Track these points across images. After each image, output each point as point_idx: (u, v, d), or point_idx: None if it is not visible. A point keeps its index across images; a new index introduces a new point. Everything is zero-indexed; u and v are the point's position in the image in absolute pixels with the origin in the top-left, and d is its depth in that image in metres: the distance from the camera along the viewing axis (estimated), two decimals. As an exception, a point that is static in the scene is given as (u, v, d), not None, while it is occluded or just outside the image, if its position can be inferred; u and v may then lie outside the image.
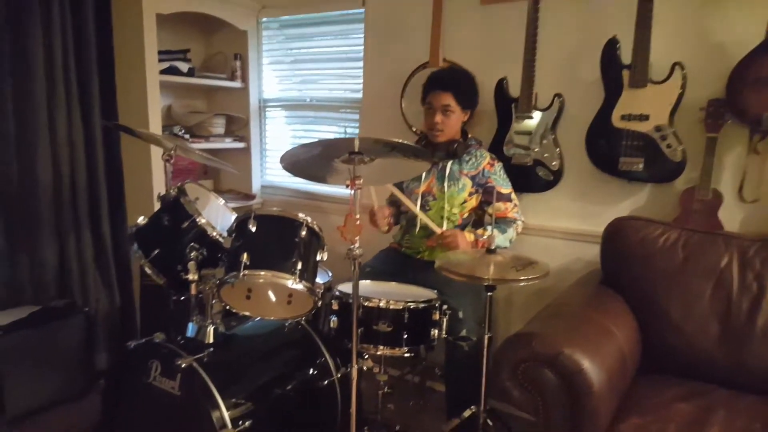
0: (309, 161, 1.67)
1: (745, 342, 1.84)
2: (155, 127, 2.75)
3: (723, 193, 2.10)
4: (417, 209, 2.24)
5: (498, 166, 2.31)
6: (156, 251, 1.88)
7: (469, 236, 2.19)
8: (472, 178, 2.29)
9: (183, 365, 1.63)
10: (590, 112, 2.26)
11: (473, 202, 2.31)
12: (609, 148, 2.22)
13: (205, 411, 1.58)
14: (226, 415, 1.60)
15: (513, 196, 2.32)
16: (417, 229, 2.32)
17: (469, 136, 2.37)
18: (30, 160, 2.50)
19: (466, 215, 2.32)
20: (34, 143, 2.50)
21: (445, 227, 2.27)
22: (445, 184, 2.27)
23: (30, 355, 2.37)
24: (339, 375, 1.94)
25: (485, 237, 2.09)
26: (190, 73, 3.01)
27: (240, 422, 1.62)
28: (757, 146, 2.04)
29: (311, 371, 1.94)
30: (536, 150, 2.38)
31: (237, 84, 3.24)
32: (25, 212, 2.53)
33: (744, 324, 1.86)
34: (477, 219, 2.37)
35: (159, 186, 2.74)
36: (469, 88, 2.30)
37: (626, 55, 2.14)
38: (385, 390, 2.02)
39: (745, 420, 1.60)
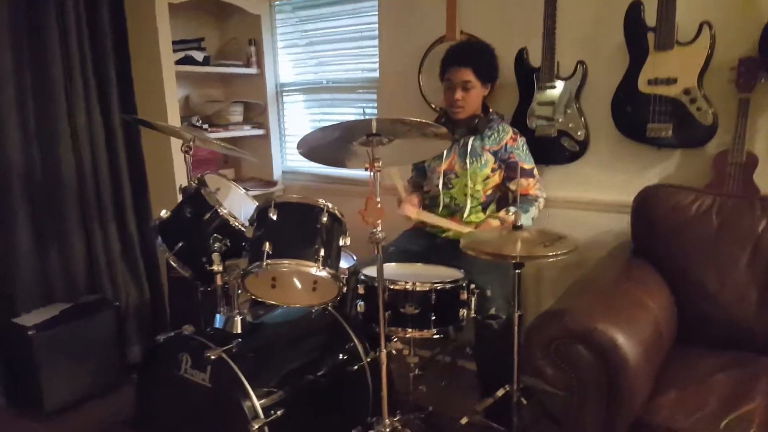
0: (327, 146, 1.64)
1: (785, 309, 1.79)
2: (173, 118, 2.75)
3: (758, 155, 2.02)
4: (439, 220, 2.22)
5: (521, 140, 2.26)
6: (180, 244, 1.89)
7: (494, 222, 2.16)
8: (495, 153, 2.24)
9: (212, 357, 1.64)
10: (615, 79, 2.18)
11: (496, 178, 2.27)
12: (636, 114, 2.15)
13: (236, 402, 1.59)
14: (257, 404, 1.60)
15: (535, 171, 2.27)
16: (440, 209, 2.29)
17: (491, 110, 2.32)
18: (52, 156, 2.54)
19: (489, 192, 2.28)
20: (55, 138, 2.53)
21: (468, 205, 2.24)
22: (467, 161, 2.23)
23: (64, 351, 2.42)
24: (368, 359, 1.94)
25: (509, 221, 2.06)
26: (206, 61, 2.99)
27: (272, 411, 1.62)
28: (794, 105, 1.96)
29: (340, 356, 1.94)
30: (560, 120, 2.32)
31: (253, 70, 3.21)
32: (50, 209, 2.57)
33: (783, 290, 1.80)
34: (501, 196, 2.33)
35: (181, 178, 2.75)
36: (488, 61, 2.23)
37: (651, 17, 2.06)
38: (416, 372, 2.01)
39: (790, 389, 1.56)
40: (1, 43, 2.33)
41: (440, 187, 2.26)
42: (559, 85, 2.30)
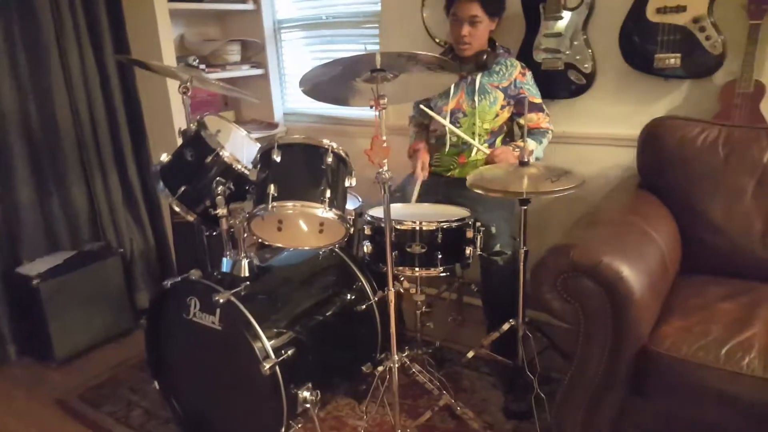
0: (330, 83, 1.60)
1: (789, 237, 1.80)
2: (169, 58, 2.67)
3: (766, 84, 1.98)
4: (463, 135, 2.17)
5: (529, 74, 2.23)
6: (183, 188, 1.86)
7: (508, 152, 2.13)
8: (504, 89, 2.20)
9: (221, 300, 1.64)
10: (623, 8, 2.12)
11: (505, 115, 2.24)
12: (644, 44, 2.10)
13: (246, 343, 1.60)
14: (267, 345, 1.62)
15: (543, 105, 2.24)
16: (447, 148, 2.26)
17: (497, 44, 2.25)
18: (48, 104, 2.48)
19: (497, 128, 2.25)
20: (49, 86, 2.47)
21: (477, 140, 2.21)
22: (476, 99, 2.18)
23: (71, 299, 2.44)
24: (376, 298, 1.95)
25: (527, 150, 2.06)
26: (200, -3, 2.88)
27: (282, 351, 1.64)
28: (805, 30, 1.91)
29: (349, 296, 1.96)
30: (567, 53, 2.26)
31: (249, 6, 3.10)
32: (49, 158, 2.54)
33: (788, 219, 1.81)
34: (508, 131, 2.31)
35: (179, 121, 2.69)
36: None
37: (662, -59, 1.97)
38: (423, 309, 2.04)
39: (791, 315, 1.59)
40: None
41: (447, 127, 2.23)
42: (566, 15, 2.23)
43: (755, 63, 1.94)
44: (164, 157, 1.91)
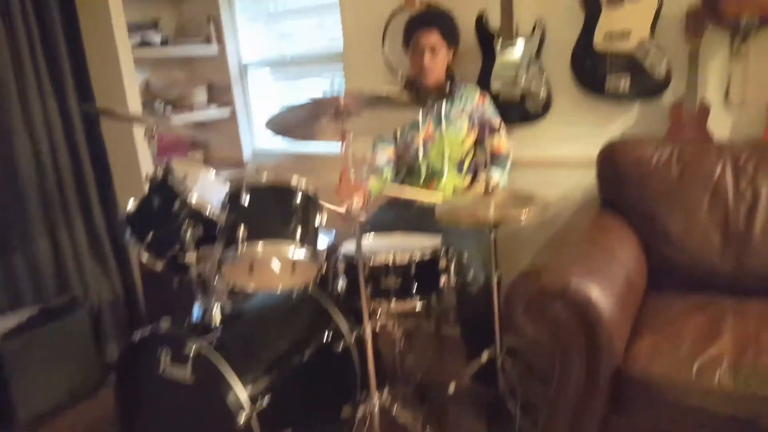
0: (296, 122, 1.62)
1: (745, 247, 1.87)
2: (134, 104, 2.66)
3: (710, 102, 2.09)
4: (412, 193, 2.21)
5: (488, 99, 2.31)
6: (150, 235, 1.83)
7: (480, 187, 2.16)
8: (468, 115, 2.26)
9: (192, 350, 1.60)
10: (572, 35, 2.20)
11: (471, 139, 2.30)
12: (594, 69, 2.18)
13: (219, 394, 1.56)
14: (241, 395, 1.57)
15: (503, 125, 2.31)
16: (423, 176, 2.29)
17: (455, 76, 2.32)
18: (8, 155, 2.41)
19: (465, 153, 2.30)
20: (9, 135, 2.40)
21: (446, 168, 2.26)
22: (443, 125, 2.24)
23: (36, 358, 2.32)
24: (353, 337, 1.93)
25: (493, 182, 2.12)
26: (164, 43, 2.88)
27: (258, 399, 1.60)
28: (740, 49, 2.01)
29: (325, 337, 1.93)
30: (523, 81, 2.33)
31: (213, 48, 3.12)
32: (11, 210, 2.46)
33: (743, 230, 1.89)
34: (474, 155, 2.35)
35: (146, 166, 2.66)
36: (451, 23, 2.26)
37: (601, -29, 2.07)
38: (402, 344, 2.03)
39: (755, 324, 1.64)
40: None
41: (420, 155, 2.27)
42: (519, 45, 2.31)
43: (698, 83, 2.04)
44: (131, 205, 1.88)
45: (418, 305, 1.85)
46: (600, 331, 1.54)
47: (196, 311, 1.83)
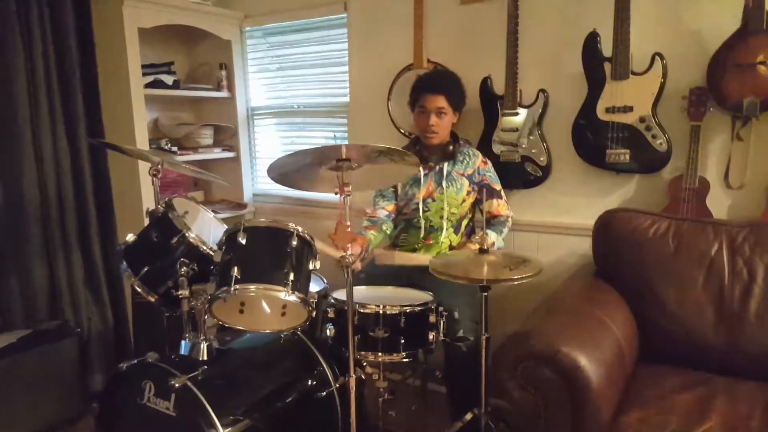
0: (297, 170, 1.66)
1: (739, 327, 1.86)
2: (142, 141, 2.73)
3: (710, 181, 2.11)
4: (417, 258, 2.27)
5: (489, 163, 2.35)
6: (146, 268, 1.85)
7: (474, 247, 2.18)
8: (469, 177, 2.30)
9: (176, 385, 1.59)
10: (575, 106, 2.26)
11: (470, 200, 2.33)
12: (595, 141, 2.22)
13: (200, 431, 1.55)
14: (223, 433, 1.56)
15: (503, 193, 2.34)
16: (422, 232, 2.32)
17: (458, 136, 2.38)
18: (15, 181, 2.48)
19: (464, 213, 2.33)
20: (19, 163, 2.47)
21: (445, 227, 2.28)
22: (444, 185, 2.28)
23: (21, 381, 2.32)
24: (337, 384, 1.92)
25: (488, 241, 2.13)
26: (176, 85, 2.98)
27: (237, 440, 1.58)
28: (740, 132, 2.05)
29: (309, 382, 1.92)
30: (524, 146, 2.39)
31: (224, 94, 3.22)
32: (11, 233, 2.50)
33: (737, 309, 1.87)
34: (472, 216, 2.39)
35: (148, 201, 2.70)
36: (459, 89, 2.30)
37: (607, 48, 2.15)
38: (386, 396, 2.00)
39: (746, 407, 1.61)
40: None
41: (420, 211, 2.30)
42: (522, 112, 2.37)
43: (699, 160, 2.07)
44: (130, 237, 1.91)
45: (405, 359, 1.84)
46: (587, 400, 1.52)
47: (184, 346, 1.84)
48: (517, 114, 2.38)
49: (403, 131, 2.69)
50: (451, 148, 2.29)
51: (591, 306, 1.87)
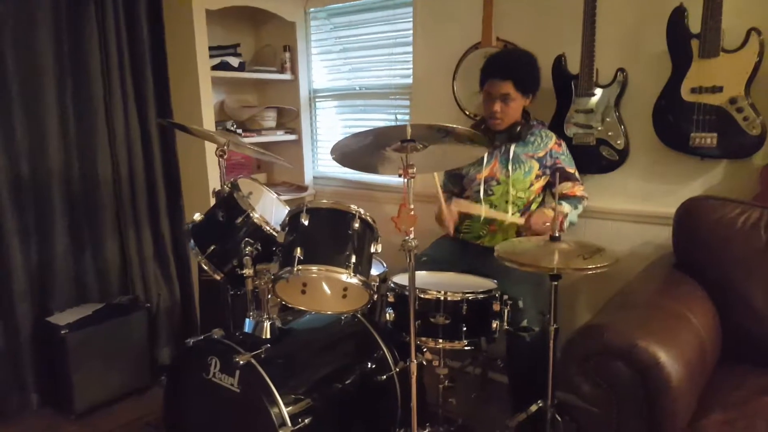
0: (360, 151, 1.63)
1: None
2: (208, 122, 2.78)
3: (808, 168, 1.94)
4: (484, 210, 2.19)
5: (564, 145, 2.24)
6: (212, 247, 1.89)
7: (548, 212, 2.11)
8: (539, 160, 2.20)
9: (241, 362, 1.63)
10: (657, 87, 2.12)
11: (540, 184, 2.24)
12: (678, 123, 2.08)
13: (264, 408, 1.57)
14: (285, 412, 1.59)
15: (578, 175, 2.24)
16: (481, 219, 2.24)
17: (531, 117, 2.27)
18: (90, 160, 2.59)
19: (532, 197, 2.24)
20: (93, 144, 2.58)
21: (510, 210, 2.20)
22: (510, 168, 2.19)
23: (96, 351, 2.46)
24: (398, 369, 1.90)
25: (563, 209, 2.09)
26: (241, 67, 3.02)
27: (299, 419, 1.60)
28: None
29: (369, 365, 1.91)
30: (599, 128, 2.26)
31: (287, 76, 3.23)
32: (87, 211, 2.62)
33: (833, 310, 1.72)
34: (542, 200, 2.30)
35: (214, 181, 2.77)
36: (529, 73, 2.17)
37: (695, 24, 2.00)
38: (446, 383, 1.97)
39: (841, 414, 1.47)
40: (43, 50, 2.39)
41: (481, 194, 2.23)
42: (598, 92, 2.25)
43: (796, 145, 1.91)
44: (197, 216, 1.95)
45: (466, 347, 1.80)
46: (665, 399, 1.43)
47: (248, 324, 1.87)
48: (593, 95, 2.25)
49: (468, 113, 2.61)
50: (519, 129, 2.19)
51: (670, 300, 1.76)
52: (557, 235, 1.75)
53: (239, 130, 3.05)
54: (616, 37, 2.24)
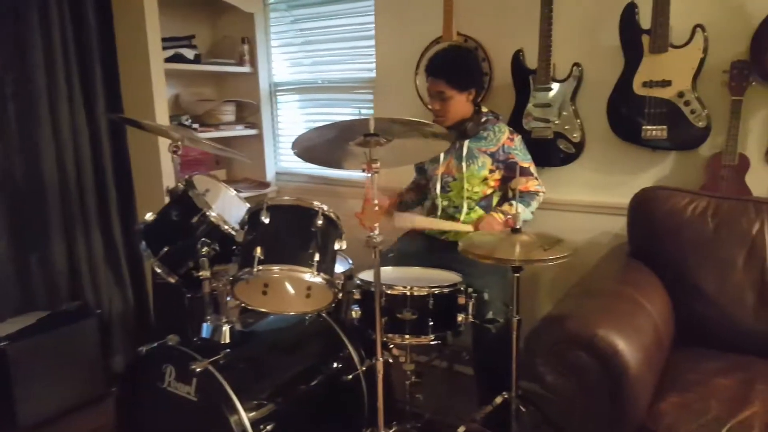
0: (323, 146, 1.60)
1: (782, 310, 1.78)
2: (162, 117, 2.68)
3: (750, 158, 2.03)
4: (441, 223, 2.20)
5: (518, 139, 2.24)
6: (166, 248, 1.82)
7: (499, 216, 2.14)
8: (492, 155, 2.21)
9: (198, 369, 1.57)
10: (610, 81, 2.17)
11: (496, 177, 2.24)
12: (631, 116, 2.14)
13: (223, 416, 1.52)
14: (245, 419, 1.54)
15: (533, 169, 2.25)
16: (439, 212, 2.25)
17: (484, 110, 2.28)
18: (33, 157, 2.45)
19: (488, 192, 2.25)
20: (36, 139, 2.44)
21: (465, 207, 2.21)
22: (464, 164, 2.20)
23: (41, 362, 2.31)
24: (364, 368, 1.89)
25: (512, 214, 2.05)
26: (197, 59, 2.93)
27: (261, 426, 1.56)
28: (784, 107, 1.97)
29: (335, 365, 1.88)
30: (556, 122, 2.30)
31: (246, 69, 3.15)
32: (30, 212, 2.48)
33: (780, 291, 1.79)
34: (502, 195, 2.32)
35: (168, 179, 2.67)
36: (463, 68, 2.16)
37: (645, 20, 2.06)
38: (413, 379, 1.97)
39: (789, 392, 1.55)
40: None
41: (438, 191, 2.23)
42: (555, 86, 2.29)
43: (739, 137, 1.99)
44: (149, 216, 1.87)
45: (433, 342, 1.80)
46: (626, 385, 1.46)
47: (206, 329, 1.80)
48: (550, 89, 2.29)
49: (430, 107, 2.61)
50: (467, 125, 2.19)
51: (627, 287, 1.81)
52: (518, 227, 1.77)
53: (195, 125, 2.95)
54: (572, 32, 2.28)
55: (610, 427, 1.49)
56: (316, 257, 1.62)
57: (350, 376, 1.87)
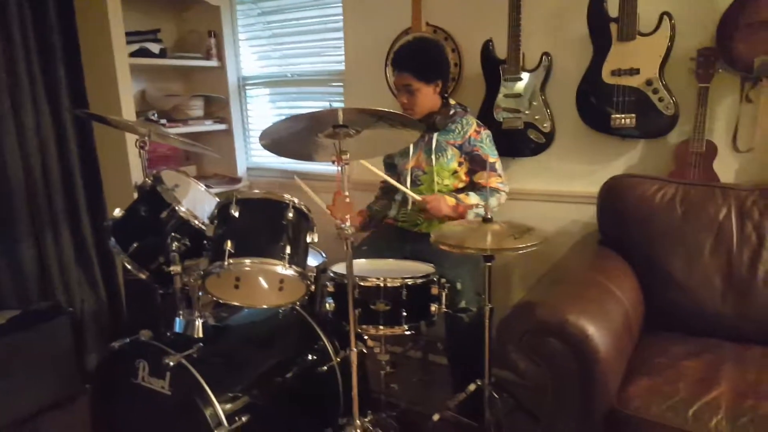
0: (292, 138, 1.59)
1: (748, 293, 1.83)
2: (128, 112, 2.64)
3: (717, 144, 2.06)
4: (394, 182, 2.16)
5: (485, 133, 2.21)
6: (135, 244, 1.80)
7: (450, 200, 2.11)
8: (459, 147, 2.20)
9: (171, 363, 1.56)
10: (580, 70, 2.19)
11: (464, 171, 2.23)
12: (600, 105, 2.16)
13: (197, 409, 1.52)
14: (220, 411, 1.54)
15: (498, 165, 2.21)
16: (410, 204, 2.25)
17: (452, 102, 2.27)
18: (-3, 157, 2.39)
19: (459, 185, 2.24)
20: (-1, 139, 2.38)
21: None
22: (433, 157, 2.20)
23: (11, 362, 2.27)
24: (338, 359, 1.89)
25: (465, 203, 2.09)
26: (162, 54, 2.88)
27: (236, 417, 1.56)
28: (750, 94, 2.00)
29: (310, 357, 1.88)
30: (527, 112, 2.31)
31: (213, 63, 3.11)
32: (-3, 211, 2.42)
33: (746, 275, 1.84)
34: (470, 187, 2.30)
35: (137, 175, 2.63)
36: (428, 60, 2.14)
37: (613, 8, 2.07)
38: (387, 369, 1.98)
39: (754, 372, 1.59)
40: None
41: (408, 184, 2.23)
42: (525, 76, 2.29)
43: (706, 124, 2.02)
44: (117, 212, 1.85)
45: (407, 332, 1.80)
46: (596, 369, 1.49)
47: (178, 324, 1.79)
48: (519, 79, 2.30)
49: (399, 101, 2.60)
50: (435, 118, 2.17)
51: (597, 274, 1.83)
52: (489, 216, 1.78)
53: (163, 121, 2.91)
54: (541, 21, 2.29)
55: (581, 411, 1.51)
56: (288, 250, 1.62)
57: (325, 368, 1.87)
